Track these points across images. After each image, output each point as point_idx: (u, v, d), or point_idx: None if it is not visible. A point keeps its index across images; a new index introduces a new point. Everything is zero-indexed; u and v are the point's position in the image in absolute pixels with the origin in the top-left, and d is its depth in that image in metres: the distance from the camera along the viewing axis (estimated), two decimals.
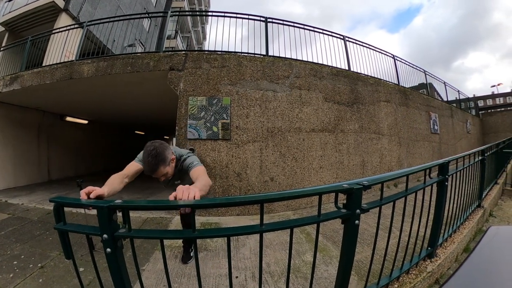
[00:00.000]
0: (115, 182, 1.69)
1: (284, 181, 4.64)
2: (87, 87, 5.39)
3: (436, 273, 2.27)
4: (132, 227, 1.08)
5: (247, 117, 4.52)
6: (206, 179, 1.73)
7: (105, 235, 1.04)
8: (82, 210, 3.33)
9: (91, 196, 1.25)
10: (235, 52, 4.90)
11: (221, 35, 5.04)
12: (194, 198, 1.18)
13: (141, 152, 2.00)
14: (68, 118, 9.00)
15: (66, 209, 1.13)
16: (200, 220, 3.97)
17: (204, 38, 29.67)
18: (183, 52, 4.67)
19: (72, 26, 5.97)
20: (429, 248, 2.36)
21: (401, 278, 2.04)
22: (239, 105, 4.50)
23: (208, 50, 4.94)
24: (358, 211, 1.33)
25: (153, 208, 1.13)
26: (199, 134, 4.27)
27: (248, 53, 4.97)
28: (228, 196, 4.24)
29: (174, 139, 5.15)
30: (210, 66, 4.50)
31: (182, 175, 2.17)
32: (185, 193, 1.19)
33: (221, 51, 4.83)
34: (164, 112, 8.10)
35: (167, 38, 5.31)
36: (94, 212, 1.05)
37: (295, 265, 2.54)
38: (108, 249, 1.05)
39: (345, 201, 1.36)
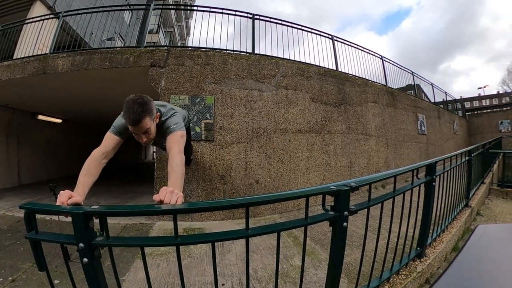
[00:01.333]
0: (91, 174, 1.58)
1: (270, 184, 4.66)
2: (62, 83, 5.23)
3: (426, 272, 2.35)
4: (110, 234, 1.06)
5: (232, 117, 4.51)
6: (180, 167, 1.56)
7: (81, 244, 1.00)
8: (56, 217, 3.22)
9: (69, 202, 1.19)
10: (220, 49, 4.88)
11: (206, 31, 5.01)
12: (176, 203, 1.17)
13: (118, 119, 1.88)
14: (41, 117, 8.67)
15: (38, 216, 1.09)
16: (183, 225, 3.92)
17: (188, 33, 29.36)
18: (166, 47, 4.61)
19: (47, 16, 5.76)
20: (418, 248, 2.43)
21: (391, 279, 2.09)
22: (223, 105, 4.48)
23: (191, 47, 4.91)
24: (346, 213, 1.35)
25: (133, 214, 1.11)
26: None
27: (233, 50, 4.97)
28: (212, 199, 4.19)
29: None
30: (193, 63, 4.46)
31: (164, 135, 1.95)
32: (167, 197, 1.18)
33: (206, 48, 4.82)
34: None
35: (148, 33, 5.21)
36: (69, 219, 1.02)
37: (283, 270, 2.55)
38: (85, 259, 1.02)
39: (332, 203, 1.38)
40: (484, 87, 54.12)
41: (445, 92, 14.03)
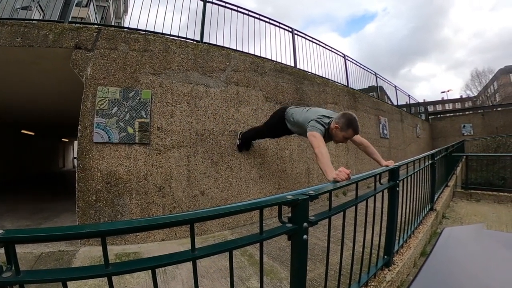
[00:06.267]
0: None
1: (217, 195, 4.63)
2: None
3: (396, 281, 2.53)
4: (21, 267, 0.95)
5: (172, 117, 4.40)
6: None
7: None
8: None
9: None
10: (162, 33, 4.74)
11: (147, 10, 4.83)
12: None
13: (316, 124, 2.97)
14: None
15: None
16: (114, 250, 3.69)
17: (126, 11, 27.78)
18: (96, 26, 4.31)
19: None
20: (385, 257, 2.62)
21: None
22: (162, 101, 4.35)
23: (128, 28, 4.65)
24: (305, 224, 1.39)
25: (50, 238, 1.01)
26: (109, 137, 3.99)
27: (178, 36, 4.86)
28: (149, 216, 4.03)
29: (76, 142, 4.73)
30: (128, 49, 4.26)
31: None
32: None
33: (145, 31, 4.62)
34: (64, 106, 7.49)
35: (76, 5, 4.75)
36: None
37: None
38: None
39: (290, 214, 1.41)
40: (448, 91, 60.77)
41: (409, 95, 15.36)
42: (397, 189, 2.62)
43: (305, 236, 1.39)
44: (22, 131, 13.73)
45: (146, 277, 2.88)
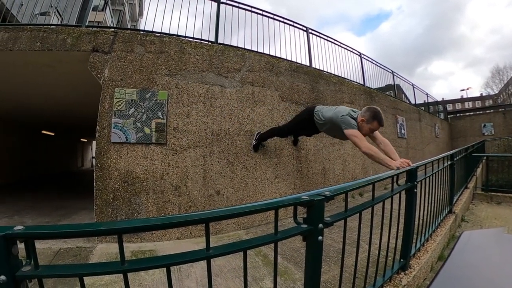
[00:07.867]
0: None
1: (233, 195, 4.64)
2: None
3: (412, 285, 2.47)
4: (40, 262, 0.97)
5: (188, 117, 4.44)
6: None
7: (2, 277, 0.90)
8: None
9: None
10: (177, 35, 4.79)
11: (162, 13, 4.88)
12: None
13: (349, 120, 3.19)
14: None
15: None
16: (130, 247, 3.75)
17: (141, 14, 28.31)
18: (112, 29, 4.42)
19: None
20: (402, 260, 2.56)
21: None
22: (178, 102, 4.40)
23: (144, 30, 4.74)
24: (320, 225, 1.38)
25: (68, 235, 1.03)
26: (126, 137, 4.07)
27: (193, 38, 4.91)
28: (165, 215, 4.08)
29: (94, 142, 4.81)
30: (145, 51, 4.33)
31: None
32: (404, 163, 2.64)
33: (160, 33, 4.69)
34: (82, 108, 7.62)
35: (92, 10, 4.85)
36: None
37: None
38: None
39: (305, 215, 1.40)
40: (467, 89, 58.77)
41: (427, 94, 14.99)
42: (415, 190, 2.57)
43: (320, 237, 1.38)
44: (42, 131, 14.09)
45: (161, 275, 2.91)
